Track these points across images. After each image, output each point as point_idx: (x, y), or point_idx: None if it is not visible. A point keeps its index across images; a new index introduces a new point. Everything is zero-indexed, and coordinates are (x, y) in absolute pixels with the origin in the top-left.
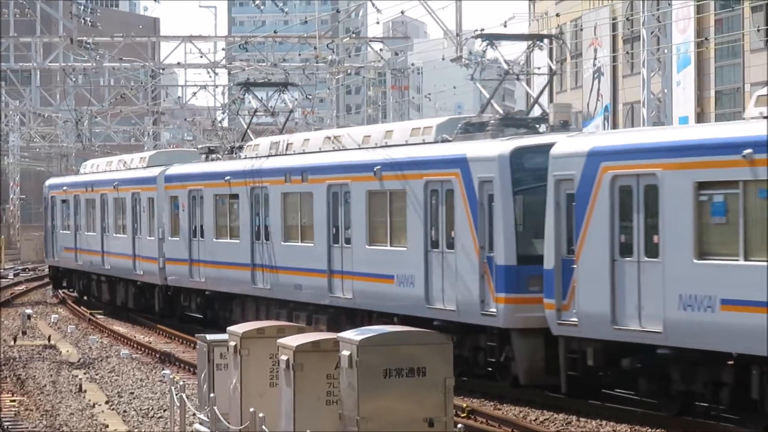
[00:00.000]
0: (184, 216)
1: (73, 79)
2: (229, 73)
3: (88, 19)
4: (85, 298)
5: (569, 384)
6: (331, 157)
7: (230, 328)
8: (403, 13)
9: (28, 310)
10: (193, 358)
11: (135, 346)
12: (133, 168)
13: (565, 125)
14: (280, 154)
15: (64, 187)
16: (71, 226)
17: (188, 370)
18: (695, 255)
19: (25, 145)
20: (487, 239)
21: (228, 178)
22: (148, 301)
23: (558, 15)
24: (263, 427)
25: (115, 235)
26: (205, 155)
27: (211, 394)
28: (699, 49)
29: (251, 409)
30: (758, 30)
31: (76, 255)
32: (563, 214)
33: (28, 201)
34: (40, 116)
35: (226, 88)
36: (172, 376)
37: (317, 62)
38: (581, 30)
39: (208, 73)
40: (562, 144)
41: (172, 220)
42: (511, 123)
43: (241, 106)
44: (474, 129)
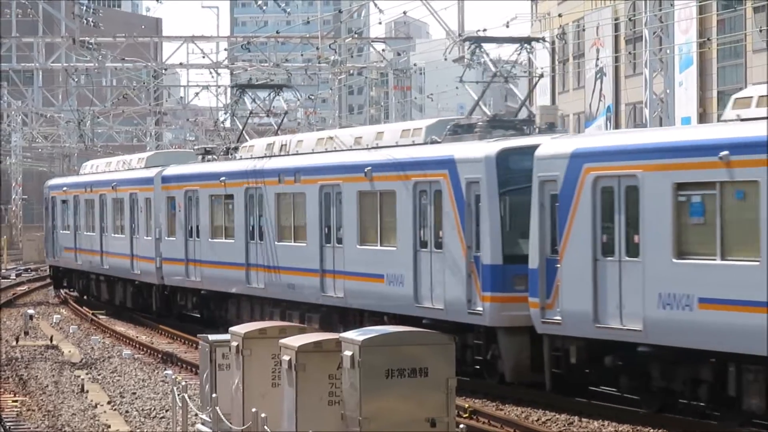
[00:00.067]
0: (180, 216)
1: (76, 80)
2: (232, 74)
3: (91, 20)
4: (85, 297)
5: (553, 381)
6: (324, 158)
7: (232, 329)
8: (405, 13)
9: (30, 311)
10: (195, 359)
11: (137, 346)
12: (132, 169)
13: (551, 127)
14: (274, 155)
15: (64, 188)
16: (71, 227)
17: (190, 371)
18: (674, 255)
19: (28, 146)
20: (474, 239)
21: (223, 178)
22: (145, 301)
23: (560, 15)
24: (265, 427)
25: (113, 235)
26: (201, 156)
27: (213, 395)
28: (701, 50)
29: (253, 410)
30: (760, 30)
31: (76, 255)
32: (547, 215)
33: (31, 201)
34: (43, 116)
35: (228, 89)
36: (174, 377)
37: (319, 62)
38: (583, 30)
39: (211, 73)
40: (546, 146)
41: (168, 221)
42: (499, 125)
43: (236, 107)
44: (462, 130)
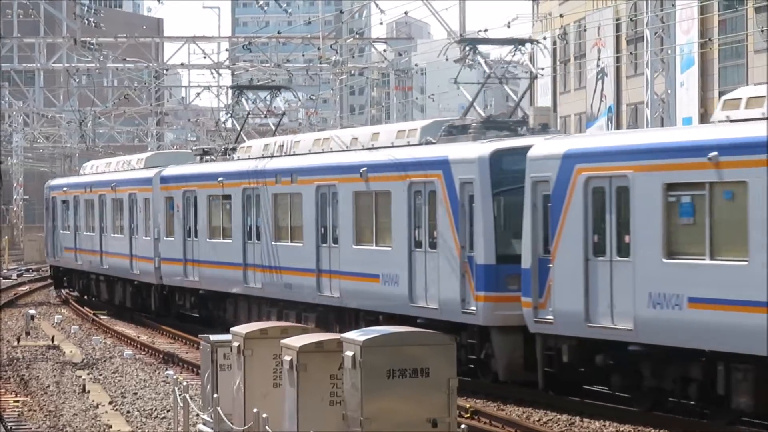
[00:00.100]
0: (178, 216)
1: (77, 80)
2: (233, 74)
3: (92, 20)
4: (85, 297)
5: (546, 380)
6: (320, 159)
7: (234, 329)
8: (406, 13)
9: (32, 311)
10: (197, 359)
11: (138, 346)
12: (131, 169)
13: (544, 128)
14: (272, 156)
15: (65, 188)
16: (71, 227)
17: (192, 371)
18: (664, 254)
19: (29, 146)
20: (467, 239)
21: (221, 179)
22: (144, 301)
23: (561, 15)
24: (266, 427)
25: (113, 235)
26: (199, 157)
27: (215, 395)
28: (702, 50)
29: (254, 410)
30: (762, 30)
31: (76, 255)
32: (540, 215)
33: (32, 202)
34: (44, 117)
35: (229, 89)
36: (175, 377)
37: (321, 63)
38: (585, 30)
39: (212, 73)
40: (539, 146)
41: (167, 221)
42: (493, 126)
43: (237, 108)
44: (457, 131)
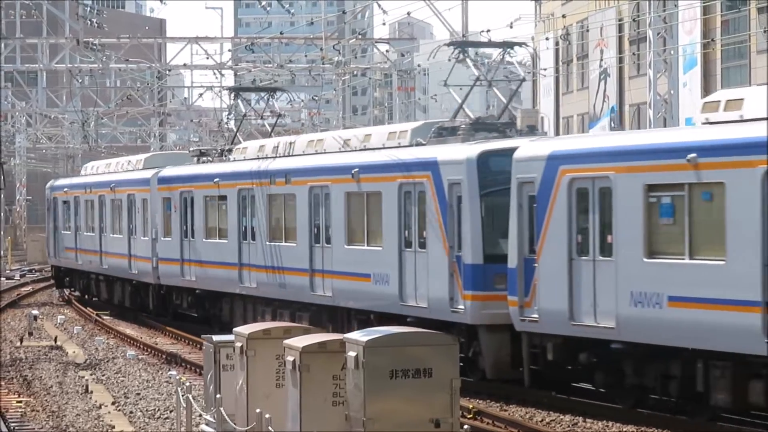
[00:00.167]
0: (175, 217)
1: (80, 81)
2: (236, 75)
3: (95, 21)
4: (86, 297)
5: (532, 378)
6: (313, 160)
7: (236, 329)
8: (409, 14)
9: (35, 311)
10: (200, 359)
11: (141, 347)
12: (130, 170)
13: (532, 130)
14: (266, 157)
15: (65, 189)
16: (72, 227)
17: (194, 371)
18: (645, 254)
19: (32, 147)
20: (456, 239)
21: (217, 180)
22: (143, 300)
23: (564, 16)
24: (269, 428)
25: (112, 235)
26: (196, 158)
27: (218, 395)
28: (705, 50)
29: (257, 410)
30: (764, 31)
31: (77, 255)
32: (525, 215)
33: (35, 202)
34: (47, 117)
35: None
36: (178, 377)
37: (323, 63)
38: (587, 31)
39: (215, 74)
40: (525, 148)
41: (164, 221)
42: (482, 127)
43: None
44: (447, 133)
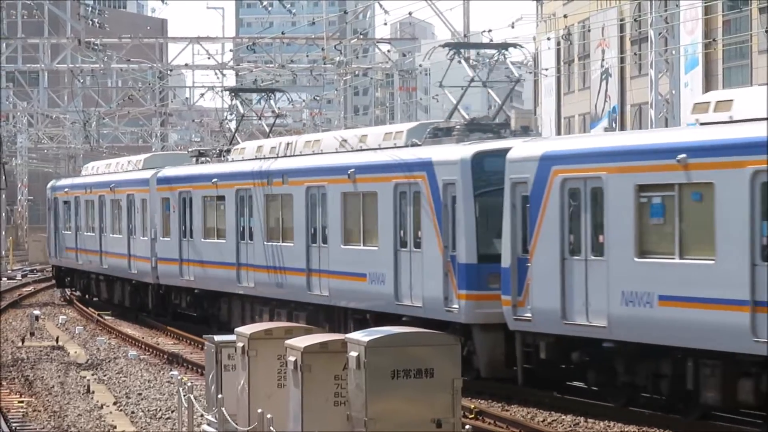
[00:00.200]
0: (174, 217)
1: (81, 81)
2: (237, 75)
3: (96, 21)
4: (86, 297)
5: (526, 376)
6: (310, 161)
7: (238, 329)
8: (410, 14)
9: (36, 311)
10: (201, 359)
11: (143, 347)
12: (129, 170)
13: (525, 130)
14: (264, 158)
15: (66, 189)
16: (72, 227)
17: (196, 371)
18: (636, 254)
19: (33, 147)
20: (450, 239)
21: (215, 180)
22: (142, 300)
23: (566, 16)
24: (271, 428)
25: (111, 235)
26: (195, 158)
27: (219, 395)
28: (707, 50)
29: (259, 410)
30: (766, 31)
31: (77, 255)
32: (519, 215)
33: (36, 202)
34: (48, 117)
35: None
36: (180, 377)
37: (325, 63)
38: (589, 31)
39: (216, 74)
40: (518, 149)
41: (163, 221)
42: (477, 128)
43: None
44: (442, 134)
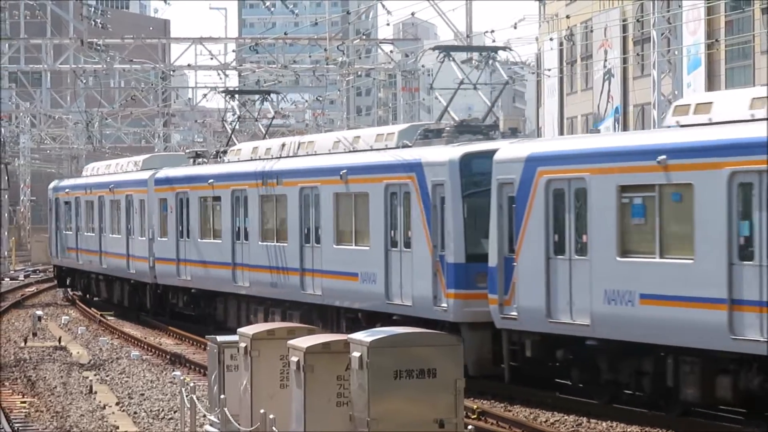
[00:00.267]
0: (171, 217)
1: (84, 81)
2: (240, 75)
3: (99, 21)
4: (87, 296)
5: (512, 374)
6: (304, 162)
7: (240, 330)
8: (413, 14)
9: (39, 312)
10: (204, 360)
11: (145, 347)
12: (129, 171)
13: (514, 132)
14: (259, 159)
15: (67, 190)
16: (73, 227)
17: (199, 372)
18: (618, 253)
19: (36, 147)
20: (439, 239)
21: (211, 181)
22: (141, 300)
23: (568, 17)
24: (273, 428)
25: (111, 235)
26: (192, 159)
27: (222, 396)
28: (709, 51)
29: (261, 411)
30: None
31: (78, 255)
32: (505, 216)
33: (39, 203)
34: (51, 118)
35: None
36: (182, 378)
37: (328, 64)
38: (591, 31)
39: (219, 74)
40: (504, 150)
41: (161, 222)
42: (466, 129)
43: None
44: (432, 135)
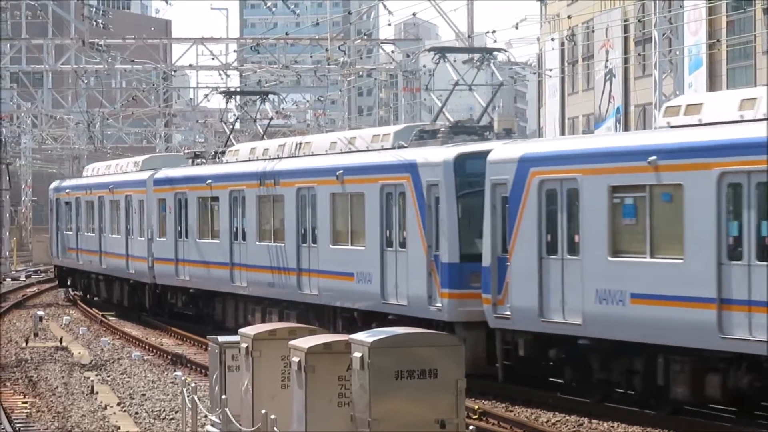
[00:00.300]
0: (170, 218)
1: (85, 81)
2: (241, 75)
3: (100, 21)
4: (87, 296)
5: (506, 373)
6: (301, 162)
7: (242, 330)
8: (414, 14)
9: (40, 312)
10: (205, 360)
11: (147, 347)
12: (128, 172)
13: (508, 133)
14: (257, 159)
15: (67, 190)
16: (73, 228)
17: (200, 372)
18: (609, 253)
19: (37, 147)
20: (434, 239)
21: (209, 181)
22: (140, 300)
23: (570, 17)
24: (275, 428)
25: (110, 235)
26: (191, 160)
27: (223, 396)
28: (711, 51)
29: (263, 411)
30: None
31: (78, 255)
32: (499, 216)
33: (40, 203)
34: (52, 118)
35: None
36: (183, 378)
37: (329, 64)
38: (593, 32)
39: (220, 75)
40: (498, 151)
41: (160, 222)
42: (461, 130)
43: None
44: (427, 136)
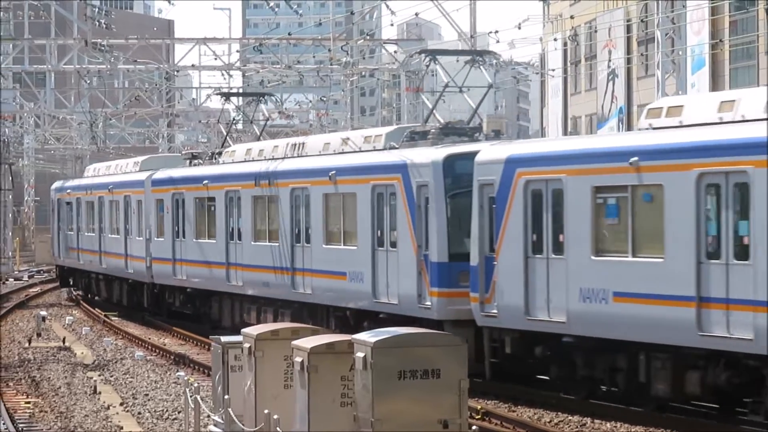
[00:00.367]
0: (168, 218)
1: (88, 81)
2: (244, 76)
3: (103, 22)
4: (88, 296)
5: (493, 371)
6: (295, 163)
7: (245, 330)
8: (417, 15)
9: (43, 312)
10: (208, 360)
11: (149, 348)
12: (127, 172)
13: (497, 134)
14: (253, 160)
15: (68, 190)
16: (74, 228)
17: (203, 372)
18: (592, 252)
19: (40, 147)
20: (423, 238)
21: (206, 182)
22: (139, 299)
23: (572, 17)
24: (277, 428)
25: (110, 235)
26: (188, 160)
27: (226, 396)
28: (713, 51)
29: (265, 411)
30: None
31: (78, 255)
32: (486, 216)
33: (43, 203)
34: (55, 118)
35: (239, 90)
36: (186, 378)
37: (331, 64)
38: (596, 32)
39: (223, 75)
40: (485, 152)
41: (158, 222)
42: (452, 131)
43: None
44: (418, 137)
